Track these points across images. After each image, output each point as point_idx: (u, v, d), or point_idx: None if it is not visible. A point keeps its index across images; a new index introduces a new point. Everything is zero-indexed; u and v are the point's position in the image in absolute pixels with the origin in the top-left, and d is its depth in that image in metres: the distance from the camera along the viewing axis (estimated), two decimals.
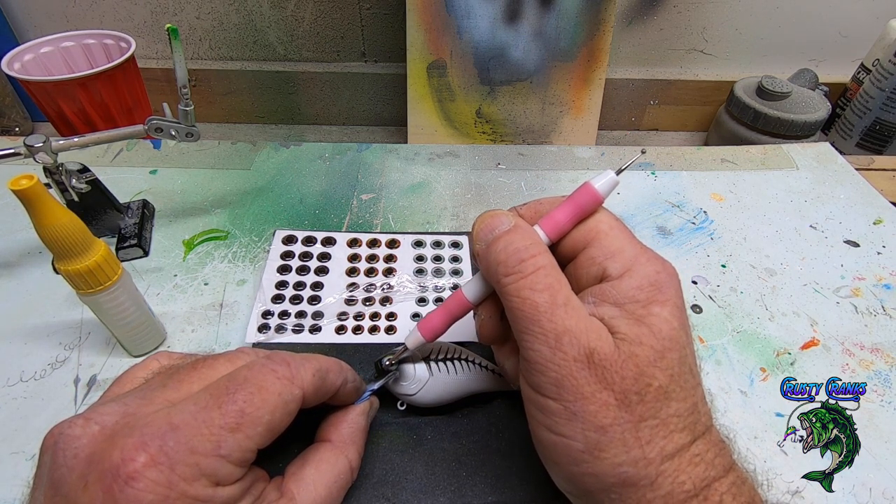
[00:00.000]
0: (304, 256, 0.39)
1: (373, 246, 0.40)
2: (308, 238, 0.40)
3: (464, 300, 0.25)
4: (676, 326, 0.21)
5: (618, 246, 0.22)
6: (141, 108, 1.15)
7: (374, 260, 0.39)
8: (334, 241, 0.40)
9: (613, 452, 0.19)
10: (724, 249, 0.44)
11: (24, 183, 0.24)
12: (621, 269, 0.22)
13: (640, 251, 0.22)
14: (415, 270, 0.39)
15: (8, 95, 1.35)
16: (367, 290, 0.37)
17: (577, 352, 0.20)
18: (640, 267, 0.22)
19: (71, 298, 0.37)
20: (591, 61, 1.23)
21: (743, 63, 1.44)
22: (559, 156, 0.54)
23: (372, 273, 0.38)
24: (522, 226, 0.23)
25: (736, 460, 0.21)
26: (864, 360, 0.36)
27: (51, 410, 0.31)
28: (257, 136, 1.47)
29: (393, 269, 0.39)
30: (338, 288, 0.37)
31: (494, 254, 0.22)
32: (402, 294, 0.37)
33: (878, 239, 0.45)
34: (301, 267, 0.38)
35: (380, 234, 0.41)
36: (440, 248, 0.41)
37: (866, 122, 1.30)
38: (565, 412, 0.20)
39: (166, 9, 1.32)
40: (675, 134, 1.55)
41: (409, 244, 0.41)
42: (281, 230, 0.40)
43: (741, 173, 0.52)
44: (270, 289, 0.36)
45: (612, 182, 0.23)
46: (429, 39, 1.19)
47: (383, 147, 0.54)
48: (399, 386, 0.28)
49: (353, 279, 0.38)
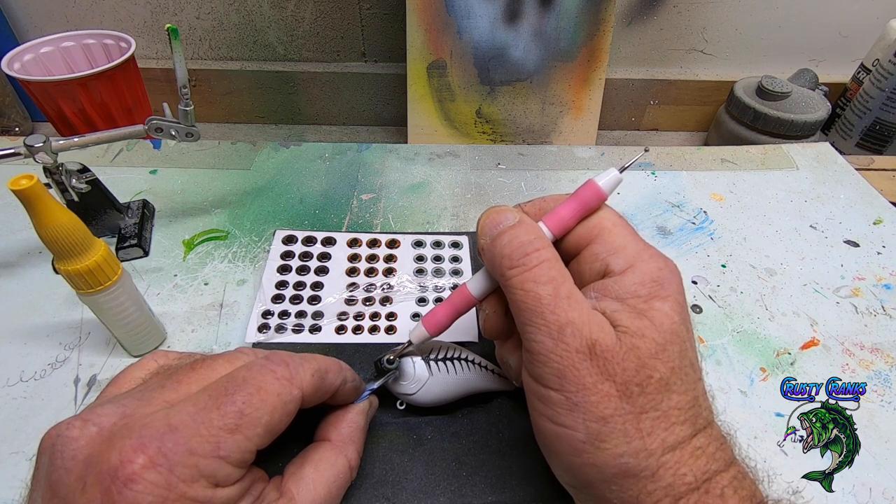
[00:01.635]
0: (305, 256, 0.39)
1: (373, 246, 0.40)
2: (308, 238, 0.40)
3: (468, 295, 0.26)
4: (677, 321, 0.21)
5: (621, 242, 0.23)
6: (141, 108, 1.15)
7: (375, 260, 0.39)
8: (334, 241, 0.40)
9: (614, 443, 0.19)
10: (724, 249, 0.44)
11: (24, 183, 0.24)
12: (624, 265, 0.22)
13: (643, 248, 0.23)
14: (415, 270, 0.39)
15: (8, 95, 1.35)
16: (367, 290, 0.37)
17: (580, 343, 0.20)
18: (642, 263, 0.22)
19: (71, 298, 0.37)
20: (591, 61, 1.23)
21: (743, 63, 1.44)
22: (559, 156, 0.54)
23: (372, 273, 0.38)
24: (527, 221, 0.23)
25: (737, 455, 0.21)
26: (864, 360, 0.36)
27: (51, 410, 0.31)
28: (257, 136, 1.47)
29: (393, 269, 0.39)
30: (338, 288, 0.37)
31: (499, 247, 0.23)
32: (403, 294, 0.37)
33: (878, 239, 0.45)
34: (301, 267, 0.38)
35: (380, 234, 0.41)
36: (440, 248, 0.41)
37: (866, 122, 1.30)
38: (567, 402, 0.20)
39: (166, 9, 1.32)
40: (675, 134, 1.55)
41: (409, 244, 0.41)
42: (281, 230, 0.40)
43: (741, 173, 0.52)
44: (270, 288, 0.36)
45: (616, 179, 0.23)
46: (429, 39, 1.19)
47: (383, 147, 0.54)
48: (399, 385, 0.28)
49: (353, 279, 0.38)
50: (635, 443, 0.19)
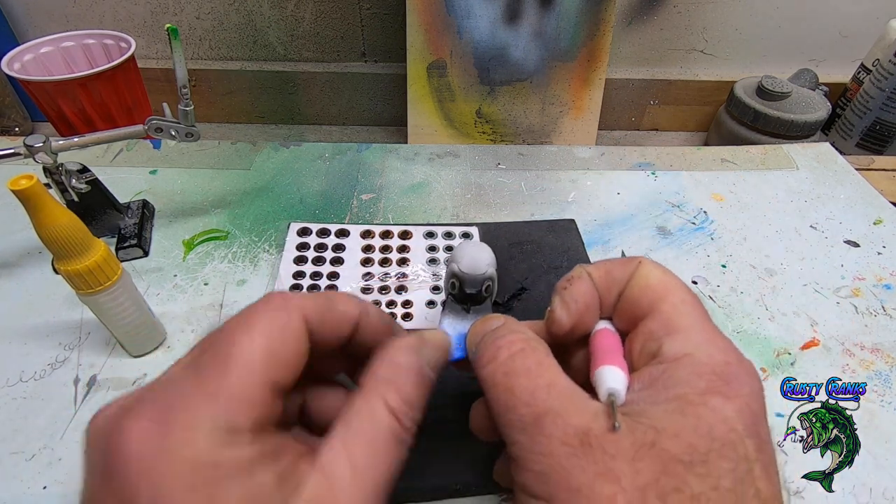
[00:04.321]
0: (320, 248, 0.40)
1: (385, 237, 0.41)
2: (322, 230, 0.41)
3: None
4: (739, 431, 0.15)
5: (683, 322, 0.18)
6: (141, 108, 1.15)
7: (388, 251, 0.40)
8: (348, 233, 0.41)
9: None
10: (724, 249, 0.44)
11: (23, 183, 0.24)
12: (679, 352, 0.18)
13: (713, 335, 0.18)
14: (427, 260, 0.40)
15: (8, 95, 1.35)
16: (382, 279, 0.38)
17: (563, 432, 0.16)
18: (705, 352, 0.17)
19: (71, 298, 0.37)
20: (591, 61, 1.23)
21: (743, 63, 1.44)
22: (559, 156, 0.54)
23: (386, 263, 0.39)
24: (510, 323, 0.21)
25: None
26: (865, 360, 0.36)
27: (50, 410, 0.31)
28: (257, 136, 1.47)
29: (406, 260, 0.40)
30: (354, 278, 0.38)
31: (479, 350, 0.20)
32: (417, 283, 0.38)
33: (878, 239, 0.45)
34: (317, 258, 0.39)
35: (392, 225, 0.42)
36: (451, 238, 0.42)
37: (866, 123, 1.30)
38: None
39: (166, 9, 1.32)
40: (675, 134, 1.54)
41: (420, 235, 0.42)
42: (296, 223, 0.42)
43: (741, 173, 0.52)
44: (288, 279, 0.38)
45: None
46: (429, 39, 1.19)
47: (383, 147, 0.54)
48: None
49: (368, 269, 0.39)
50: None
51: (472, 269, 0.25)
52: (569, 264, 0.42)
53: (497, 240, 0.43)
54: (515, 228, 0.44)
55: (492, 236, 0.43)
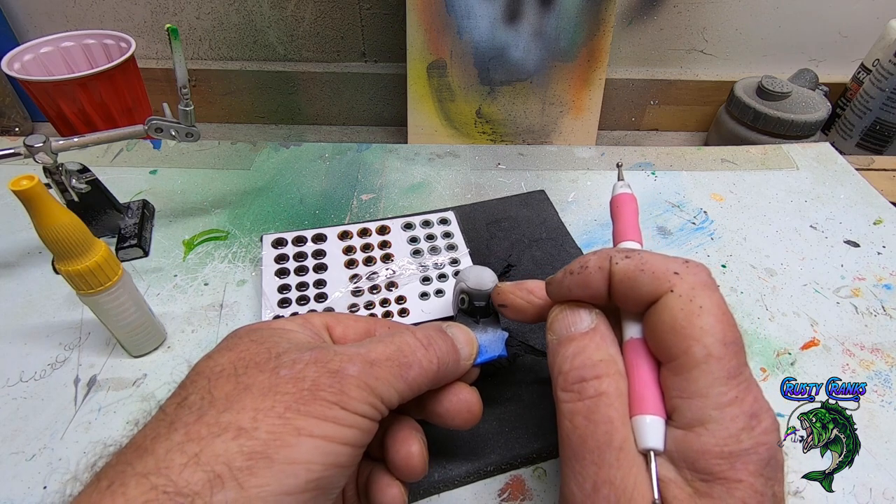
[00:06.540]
0: (299, 257, 0.38)
1: (364, 235, 0.40)
2: (298, 238, 0.39)
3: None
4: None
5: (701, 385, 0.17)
6: (141, 108, 1.15)
7: (370, 249, 0.39)
8: (325, 238, 0.40)
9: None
10: (724, 249, 0.44)
11: (24, 183, 0.24)
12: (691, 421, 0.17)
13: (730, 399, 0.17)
14: (411, 252, 0.39)
15: (8, 95, 1.35)
16: (370, 278, 0.38)
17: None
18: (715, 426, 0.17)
19: (71, 298, 0.37)
20: (591, 61, 1.23)
21: (743, 63, 1.44)
22: (559, 156, 0.54)
23: (371, 262, 0.39)
24: (602, 331, 0.20)
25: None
26: (865, 360, 0.36)
27: (51, 411, 0.31)
28: (257, 136, 1.47)
29: (390, 255, 0.39)
30: (341, 282, 0.37)
31: (560, 359, 0.20)
32: (406, 276, 0.38)
33: (878, 239, 0.45)
34: (299, 268, 0.38)
35: (368, 222, 0.41)
36: (430, 226, 0.41)
37: (866, 123, 1.30)
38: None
39: (166, 9, 1.32)
40: (675, 134, 1.54)
41: (398, 228, 0.41)
42: (268, 235, 0.39)
43: (741, 173, 0.52)
44: (273, 294, 0.36)
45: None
46: (429, 39, 1.19)
47: (383, 147, 0.54)
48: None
49: (354, 270, 0.38)
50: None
51: (479, 285, 0.28)
52: (548, 235, 0.43)
53: (475, 221, 0.43)
54: (490, 207, 0.45)
55: (468, 218, 0.43)
